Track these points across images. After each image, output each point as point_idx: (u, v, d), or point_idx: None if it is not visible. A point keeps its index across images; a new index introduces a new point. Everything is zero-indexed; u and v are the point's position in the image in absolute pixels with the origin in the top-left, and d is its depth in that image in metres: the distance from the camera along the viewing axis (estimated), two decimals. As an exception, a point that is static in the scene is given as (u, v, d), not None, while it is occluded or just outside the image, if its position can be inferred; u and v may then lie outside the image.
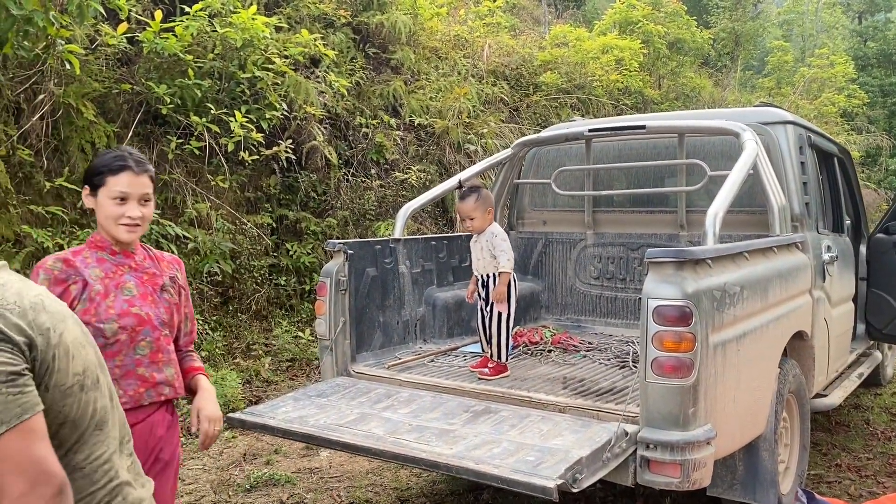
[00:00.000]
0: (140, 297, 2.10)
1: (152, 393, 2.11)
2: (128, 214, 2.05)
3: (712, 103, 17.23)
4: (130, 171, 2.06)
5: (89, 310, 2.01)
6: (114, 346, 2.04)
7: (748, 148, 3.55)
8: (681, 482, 2.57)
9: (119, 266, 2.11)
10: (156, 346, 2.11)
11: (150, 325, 2.10)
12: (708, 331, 2.66)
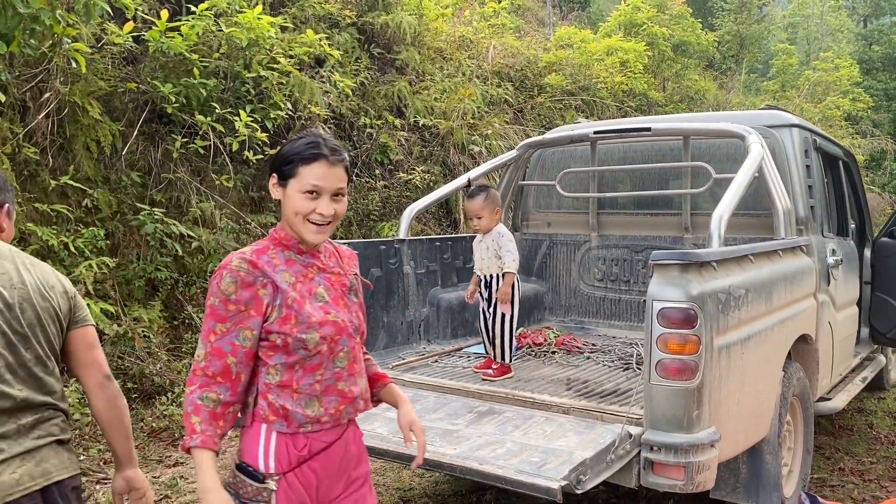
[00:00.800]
0: (333, 301, 1.88)
1: (350, 409, 1.90)
2: (319, 211, 1.79)
3: (716, 106, 17.22)
4: (325, 161, 1.79)
5: (289, 318, 1.80)
6: (314, 359, 1.83)
7: (753, 151, 3.55)
8: (685, 485, 2.56)
9: (308, 267, 1.88)
10: (352, 357, 1.90)
11: (346, 334, 1.88)
12: (713, 333, 2.66)
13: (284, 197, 1.82)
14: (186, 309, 6.29)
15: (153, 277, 6.19)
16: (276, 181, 1.85)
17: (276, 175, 1.85)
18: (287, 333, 1.78)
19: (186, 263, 6.47)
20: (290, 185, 1.80)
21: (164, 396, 5.30)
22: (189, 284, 6.46)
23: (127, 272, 6.07)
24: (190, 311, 6.26)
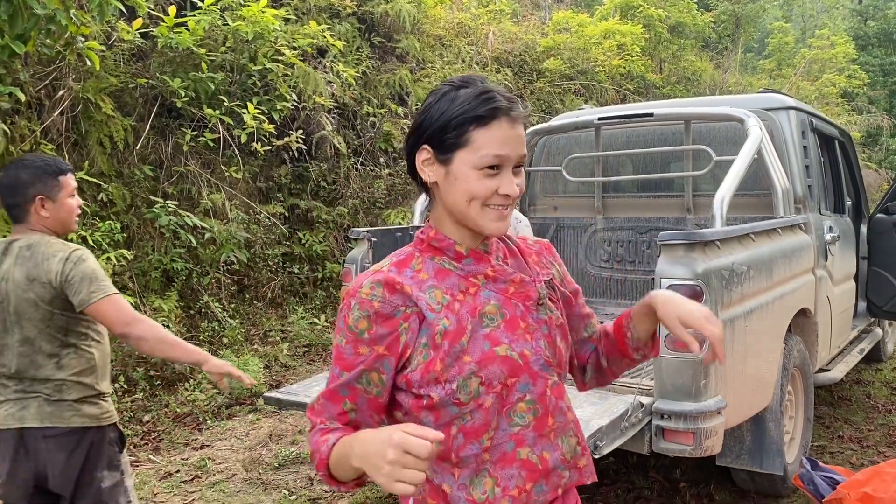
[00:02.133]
0: (508, 325, 1.30)
1: (544, 486, 1.32)
2: (503, 191, 1.25)
3: (713, 86, 17.31)
4: (506, 120, 1.25)
5: (433, 364, 1.25)
6: (476, 417, 1.27)
7: (753, 134, 3.70)
8: (693, 449, 2.74)
9: (470, 278, 1.32)
10: (542, 407, 1.31)
11: (528, 373, 1.30)
12: (717, 308, 2.83)
13: (446, 178, 1.27)
14: (202, 298, 6.46)
15: (168, 268, 6.36)
16: (433, 157, 1.28)
17: (431, 148, 1.28)
18: (430, 383, 1.25)
19: (200, 254, 6.64)
20: (457, 160, 1.25)
21: (187, 383, 5.48)
22: (203, 274, 6.63)
23: (143, 264, 6.24)
24: (206, 301, 6.43)
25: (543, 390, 1.31)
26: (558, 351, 1.34)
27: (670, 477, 3.99)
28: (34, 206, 2.36)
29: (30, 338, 2.32)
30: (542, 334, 1.33)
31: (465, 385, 1.24)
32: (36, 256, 2.31)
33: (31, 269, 2.30)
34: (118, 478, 2.42)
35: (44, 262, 2.30)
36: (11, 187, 2.37)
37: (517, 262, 1.39)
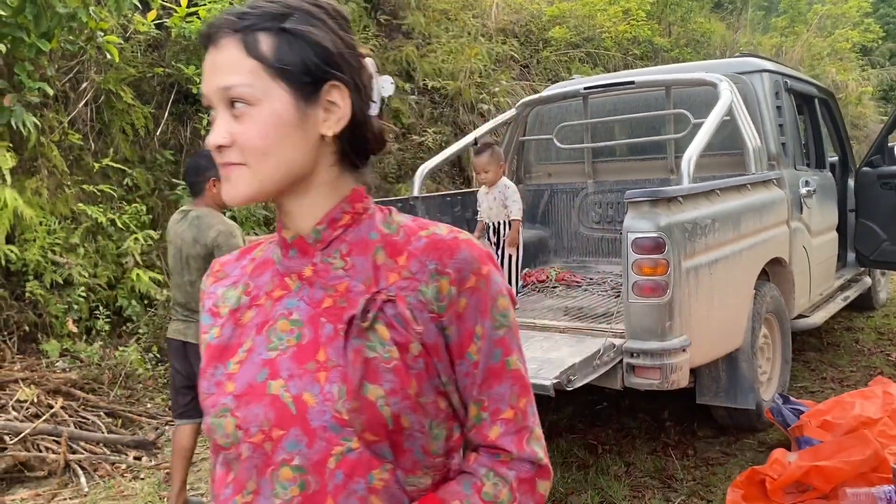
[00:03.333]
0: (298, 352, 0.92)
1: None
2: (208, 142, 0.94)
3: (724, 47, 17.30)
4: (211, 47, 0.93)
5: (201, 385, 0.98)
6: (237, 470, 0.93)
7: (723, 97, 3.98)
8: (661, 383, 3.08)
9: (285, 277, 0.98)
10: (316, 482, 0.88)
11: (301, 427, 0.88)
12: (680, 257, 3.15)
13: None
14: (225, 273, 6.86)
15: (193, 246, 6.76)
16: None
17: None
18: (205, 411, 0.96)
19: (222, 232, 7.03)
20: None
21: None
22: (225, 251, 7.03)
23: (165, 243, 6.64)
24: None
25: (323, 458, 0.87)
26: (367, 406, 0.86)
27: (658, 417, 4.33)
28: (208, 185, 3.31)
29: (193, 280, 3.28)
30: (340, 376, 0.88)
31: (220, 424, 0.91)
32: (202, 225, 3.26)
33: (196, 233, 3.25)
34: None
35: (207, 230, 3.23)
36: (195, 170, 3.36)
37: (363, 262, 0.94)
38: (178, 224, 3.41)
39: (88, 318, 5.82)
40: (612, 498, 3.37)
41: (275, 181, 0.93)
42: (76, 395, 4.82)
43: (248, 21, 0.91)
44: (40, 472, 4.07)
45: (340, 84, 0.93)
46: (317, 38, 0.92)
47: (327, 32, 0.93)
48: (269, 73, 0.90)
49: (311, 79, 0.92)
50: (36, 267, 5.58)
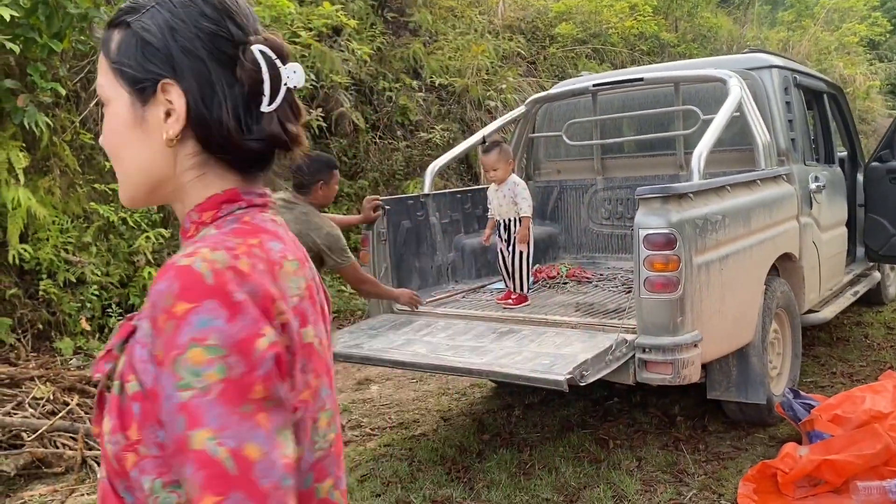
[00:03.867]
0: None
1: None
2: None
3: (730, 42, 17.26)
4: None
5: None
6: None
7: (732, 93, 4.00)
8: (672, 378, 3.10)
9: None
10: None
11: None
12: (691, 253, 3.17)
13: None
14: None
15: (204, 244, 6.81)
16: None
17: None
18: None
19: (232, 230, 7.09)
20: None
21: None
22: (236, 249, 7.08)
23: (178, 242, 6.69)
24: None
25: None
26: (101, 437, 0.84)
27: (669, 412, 4.36)
28: (315, 186, 3.57)
29: None
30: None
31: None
32: (310, 223, 3.48)
33: (303, 228, 3.41)
34: None
35: (315, 229, 3.47)
36: (307, 172, 3.55)
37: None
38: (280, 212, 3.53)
39: (101, 316, 5.87)
40: (625, 492, 3.40)
41: (136, 185, 0.90)
42: (91, 392, 4.87)
43: (114, 17, 0.89)
44: (57, 469, 4.12)
45: (174, 82, 0.85)
46: (145, 34, 0.86)
47: (163, 26, 0.86)
48: (113, 72, 0.87)
49: (144, 77, 0.86)
50: (49, 265, 5.64)
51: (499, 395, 4.96)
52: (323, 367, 0.86)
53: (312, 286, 0.89)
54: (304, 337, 0.82)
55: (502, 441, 4.13)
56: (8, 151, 5.41)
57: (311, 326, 0.84)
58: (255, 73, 0.85)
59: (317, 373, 0.83)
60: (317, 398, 0.83)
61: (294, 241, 0.91)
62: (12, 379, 4.73)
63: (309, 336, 0.83)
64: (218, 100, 0.85)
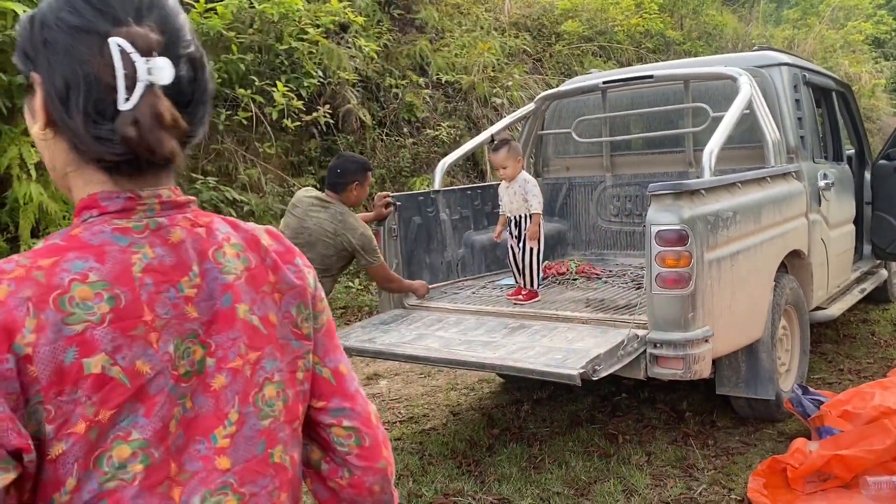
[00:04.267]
0: None
1: None
2: None
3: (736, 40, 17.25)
4: None
5: None
6: None
7: (743, 90, 4.01)
8: (684, 373, 3.13)
9: None
10: None
11: None
12: (703, 249, 3.19)
13: None
14: (244, 267, 6.95)
15: (212, 240, 6.84)
16: None
17: None
18: None
19: (240, 226, 7.12)
20: None
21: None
22: (244, 245, 7.11)
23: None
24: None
25: None
26: None
27: (677, 408, 4.38)
28: (350, 186, 3.78)
29: (312, 258, 3.46)
30: None
31: None
32: (346, 223, 3.69)
33: (339, 228, 3.67)
34: None
35: (351, 229, 3.67)
36: (343, 172, 3.79)
37: None
38: (316, 210, 3.75)
39: (111, 311, 5.91)
40: (635, 486, 3.43)
41: (51, 174, 0.93)
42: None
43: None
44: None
45: (38, 76, 0.85)
46: (22, 28, 0.87)
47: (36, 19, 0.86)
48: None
49: (22, 70, 0.87)
50: (60, 260, 5.68)
51: (507, 391, 4.99)
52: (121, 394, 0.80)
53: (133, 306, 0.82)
54: (85, 367, 0.77)
55: (512, 435, 4.16)
56: (20, 147, 5.45)
57: (101, 354, 0.79)
58: (110, 68, 0.80)
59: (103, 400, 0.78)
60: (109, 422, 0.79)
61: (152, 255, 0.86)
62: (25, 372, 4.77)
63: (93, 366, 0.78)
64: (74, 96, 0.82)
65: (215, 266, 0.90)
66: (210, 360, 0.87)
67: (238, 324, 0.90)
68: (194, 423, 0.86)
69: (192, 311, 0.87)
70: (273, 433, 0.92)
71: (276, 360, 0.93)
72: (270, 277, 0.95)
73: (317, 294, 1.02)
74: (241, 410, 0.89)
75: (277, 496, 0.93)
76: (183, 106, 0.87)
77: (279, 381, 0.93)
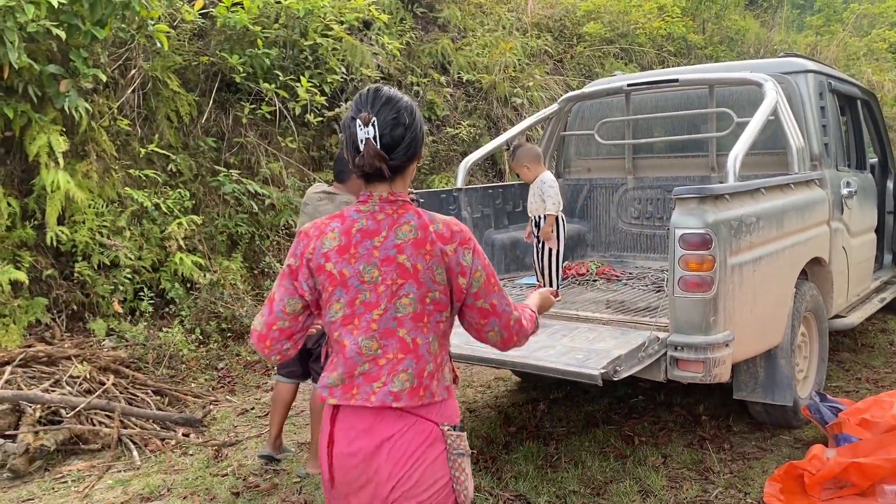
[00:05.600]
0: None
1: None
2: None
3: (758, 45, 17.15)
4: None
5: None
6: None
7: (768, 97, 4.02)
8: (704, 376, 3.14)
9: None
10: None
11: None
12: (726, 254, 3.21)
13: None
14: (264, 259, 7.02)
15: (233, 232, 6.92)
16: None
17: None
18: None
19: (261, 219, 7.18)
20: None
21: (255, 334, 6.05)
22: (264, 238, 7.18)
23: (210, 228, 6.80)
24: (268, 261, 6.99)
25: None
26: None
27: (693, 412, 4.40)
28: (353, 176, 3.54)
29: None
30: None
31: None
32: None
33: None
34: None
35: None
36: (344, 161, 3.50)
37: None
38: (323, 203, 3.75)
39: (133, 299, 5.99)
40: (651, 487, 3.45)
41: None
42: (125, 372, 4.98)
43: None
44: (94, 445, 4.23)
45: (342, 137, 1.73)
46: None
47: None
48: None
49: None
50: (84, 248, 5.75)
51: (523, 389, 5.02)
52: (336, 282, 1.73)
53: (348, 245, 1.74)
54: (325, 267, 1.74)
55: (528, 434, 4.19)
56: (49, 135, 5.53)
57: (332, 263, 1.73)
58: (354, 133, 1.73)
59: (330, 283, 1.74)
60: (331, 294, 1.74)
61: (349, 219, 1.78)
62: (50, 357, 4.86)
63: (329, 267, 1.74)
64: (348, 146, 1.76)
65: (394, 234, 1.73)
66: (378, 277, 1.71)
67: (395, 264, 1.71)
68: (365, 304, 1.72)
69: (376, 253, 1.72)
70: (401, 321, 1.72)
71: (413, 287, 1.71)
72: (427, 246, 1.71)
73: (463, 266, 1.74)
74: (387, 305, 1.71)
75: (396, 353, 1.72)
76: (386, 148, 1.72)
77: (412, 298, 1.71)
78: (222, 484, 3.76)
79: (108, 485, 3.83)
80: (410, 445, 1.69)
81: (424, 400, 1.71)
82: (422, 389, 1.71)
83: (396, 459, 1.69)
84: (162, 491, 3.72)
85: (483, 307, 1.77)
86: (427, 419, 1.72)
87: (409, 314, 1.71)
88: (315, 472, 3.74)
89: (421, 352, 1.71)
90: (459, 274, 1.73)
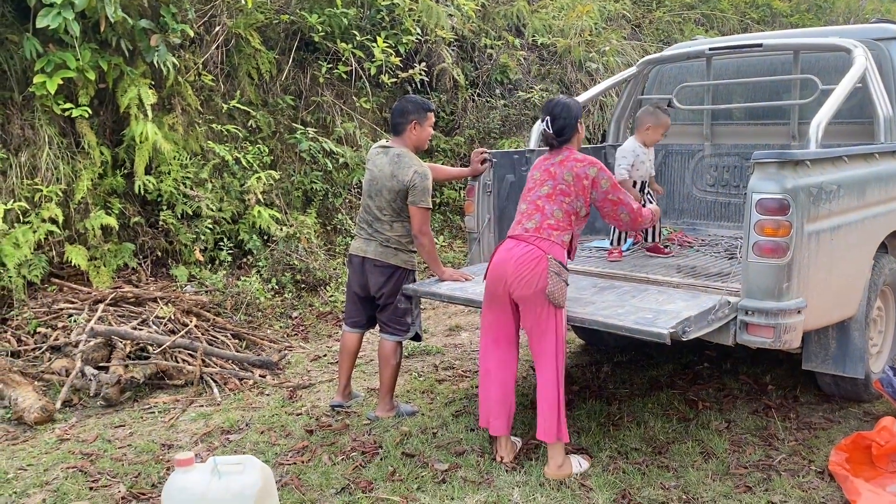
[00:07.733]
0: None
1: None
2: None
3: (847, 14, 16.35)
4: None
5: None
6: None
7: (857, 63, 3.90)
8: (773, 342, 3.14)
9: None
10: None
11: None
12: (803, 221, 3.17)
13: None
14: (337, 216, 7.22)
15: (308, 189, 7.12)
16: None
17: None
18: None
19: (334, 177, 7.36)
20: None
21: (328, 287, 6.27)
22: (337, 195, 7.36)
23: (287, 184, 7.01)
24: (340, 218, 7.18)
25: None
26: None
27: (759, 381, 4.38)
28: (409, 126, 3.84)
29: (381, 206, 3.83)
30: None
31: None
32: (402, 162, 3.77)
33: (395, 169, 3.76)
34: (408, 305, 3.90)
35: (406, 168, 3.73)
36: (400, 112, 3.86)
37: None
38: (378, 157, 3.89)
39: (213, 249, 6.26)
40: (713, 450, 3.48)
41: None
42: (206, 316, 5.25)
43: None
44: (178, 381, 4.50)
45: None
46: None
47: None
48: None
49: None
50: (169, 198, 6.04)
51: (587, 352, 5.08)
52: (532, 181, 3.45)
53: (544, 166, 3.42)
54: (531, 175, 3.48)
55: (591, 393, 4.26)
56: (139, 88, 5.79)
57: (536, 171, 3.44)
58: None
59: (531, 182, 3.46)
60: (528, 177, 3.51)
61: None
62: (137, 298, 5.16)
63: (532, 171, 3.48)
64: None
65: (557, 162, 3.35)
66: (539, 178, 3.38)
67: (544, 170, 3.37)
68: (533, 187, 3.38)
69: (547, 164, 3.38)
70: (541, 197, 3.31)
71: (551, 181, 3.31)
72: (567, 164, 3.31)
73: (588, 177, 3.29)
74: (537, 191, 3.34)
75: (534, 211, 3.30)
76: (554, 132, 3.36)
77: (549, 188, 3.30)
78: (297, 422, 3.96)
79: (192, 417, 4.09)
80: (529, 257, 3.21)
81: (542, 235, 3.23)
82: (541, 231, 3.23)
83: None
84: (241, 426, 3.94)
85: (616, 201, 3.33)
86: (539, 248, 3.19)
87: (544, 195, 3.30)
88: (385, 415, 3.90)
89: (546, 212, 3.25)
90: (584, 178, 3.27)
